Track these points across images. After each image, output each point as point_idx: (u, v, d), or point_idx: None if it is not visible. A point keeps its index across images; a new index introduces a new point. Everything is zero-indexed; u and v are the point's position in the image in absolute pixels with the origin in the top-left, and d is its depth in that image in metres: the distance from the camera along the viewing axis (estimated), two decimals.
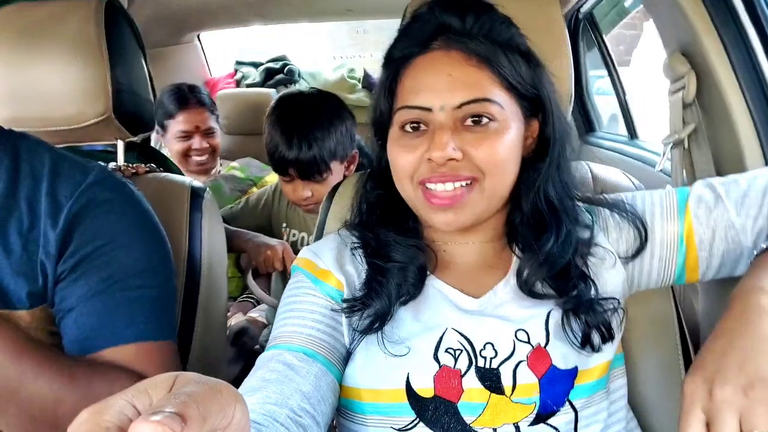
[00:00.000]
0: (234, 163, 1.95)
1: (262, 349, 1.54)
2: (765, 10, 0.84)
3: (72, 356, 0.71)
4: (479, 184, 0.67)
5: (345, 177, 1.30)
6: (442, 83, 0.66)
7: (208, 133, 1.84)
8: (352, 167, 1.43)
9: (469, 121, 0.66)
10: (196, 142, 1.82)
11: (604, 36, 1.69)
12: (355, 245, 0.75)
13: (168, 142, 1.84)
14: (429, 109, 0.67)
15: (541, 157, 0.72)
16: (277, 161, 1.38)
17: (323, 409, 0.62)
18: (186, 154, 1.83)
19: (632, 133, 1.73)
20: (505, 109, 0.67)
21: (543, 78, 0.71)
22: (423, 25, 0.70)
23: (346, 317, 0.70)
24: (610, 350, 0.70)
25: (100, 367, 0.70)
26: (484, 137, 0.66)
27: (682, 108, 0.95)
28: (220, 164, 2.00)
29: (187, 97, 1.82)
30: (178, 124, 1.80)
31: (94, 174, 0.78)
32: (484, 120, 0.66)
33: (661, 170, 1.07)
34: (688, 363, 0.84)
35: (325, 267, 0.73)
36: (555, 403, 0.66)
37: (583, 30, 1.78)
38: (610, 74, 1.69)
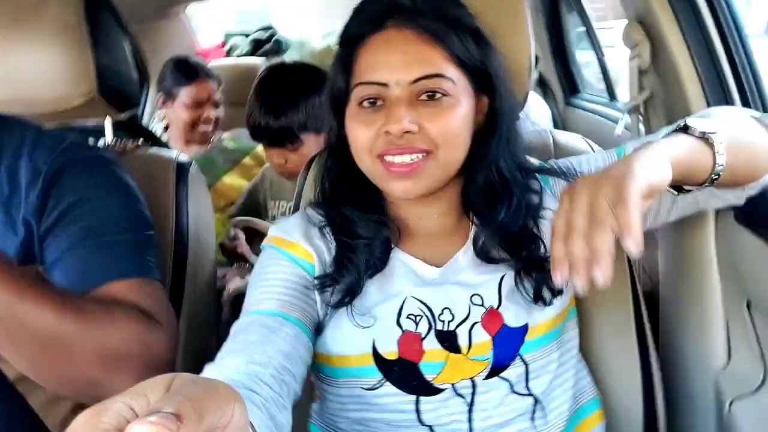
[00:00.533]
0: (225, 134, 1.99)
1: None
2: None
3: (70, 293, 0.73)
4: (434, 156, 0.71)
5: None
6: (397, 60, 0.70)
7: (217, 104, 1.92)
8: None
9: (423, 96, 0.70)
10: (206, 111, 1.89)
11: None
12: (323, 223, 0.79)
13: (175, 110, 1.90)
14: (385, 85, 0.70)
15: (491, 131, 0.76)
16: (251, 127, 1.46)
17: (299, 367, 0.66)
18: (194, 124, 1.89)
19: (611, 94, 1.75)
20: (457, 84, 0.71)
21: (491, 55, 0.75)
22: (375, 5, 0.74)
23: (318, 293, 0.75)
24: (558, 305, 0.76)
25: (100, 300, 0.73)
26: (438, 111, 0.70)
27: (639, 75, 0.98)
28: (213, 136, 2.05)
29: (197, 68, 1.90)
30: (190, 93, 1.86)
31: (69, 140, 0.84)
32: (438, 95, 0.70)
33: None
34: (639, 318, 0.90)
35: (294, 240, 0.78)
36: (507, 358, 0.72)
37: None
38: (588, 35, 1.70)
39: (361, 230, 0.76)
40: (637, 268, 0.94)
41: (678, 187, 0.70)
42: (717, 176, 0.67)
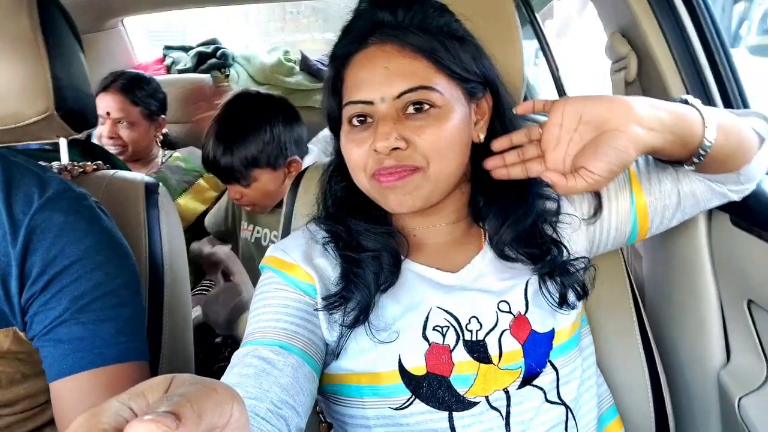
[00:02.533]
0: (177, 153, 1.88)
1: (223, 339, 1.52)
2: None
3: None
4: (424, 171, 0.69)
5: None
6: (379, 76, 0.69)
7: (119, 122, 1.76)
8: (294, 172, 1.40)
9: (411, 109, 0.69)
10: (105, 129, 1.75)
11: (536, 14, 1.76)
12: (326, 239, 0.76)
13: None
14: (371, 102, 0.69)
15: (499, 135, 0.75)
16: (203, 160, 1.41)
17: (302, 399, 0.63)
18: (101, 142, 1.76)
19: None
20: (445, 94, 0.70)
21: (483, 59, 0.74)
22: (360, 22, 0.73)
23: (329, 314, 0.71)
24: (576, 310, 0.76)
25: None
26: (426, 124, 0.68)
27: (625, 86, 1.01)
28: (163, 155, 1.93)
29: (110, 80, 1.77)
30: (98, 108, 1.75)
31: (52, 189, 0.74)
32: (425, 107, 0.69)
33: None
34: (641, 323, 0.92)
35: (293, 261, 0.74)
36: (538, 365, 0.71)
37: (516, 7, 1.82)
38: (543, 50, 1.75)
39: (367, 243, 0.74)
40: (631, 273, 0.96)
41: (672, 161, 0.74)
42: (708, 147, 0.69)
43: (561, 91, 1.71)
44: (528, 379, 0.71)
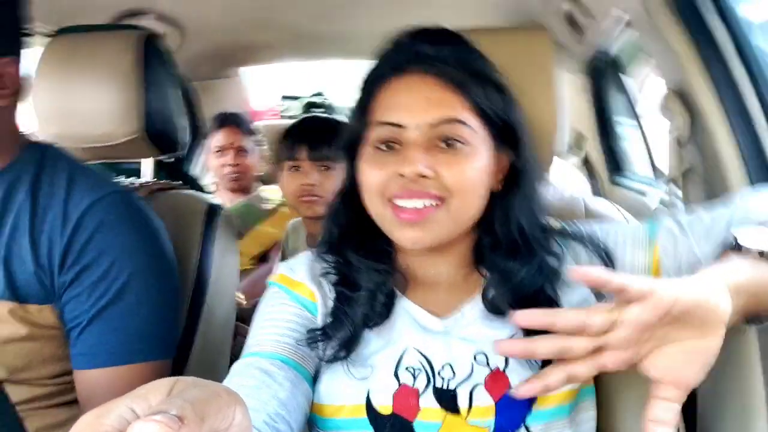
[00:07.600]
0: (267, 187, 2.06)
1: None
2: (753, 52, 0.85)
3: None
4: (446, 205, 0.68)
5: None
6: (417, 103, 0.68)
7: (240, 151, 2.01)
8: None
9: (441, 144, 0.68)
10: (229, 157, 2.00)
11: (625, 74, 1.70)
12: (326, 269, 0.76)
13: (209, 158, 2.06)
14: (403, 126, 0.68)
15: (512, 189, 0.73)
16: (292, 132, 1.45)
17: (297, 416, 0.63)
18: (222, 171, 2.02)
19: (656, 174, 1.71)
20: (477, 133, 0.69)
21: (515, 109, 0.73)
22: (399, 52, 0.73)
23: (310, 347, 0.71)
24: None
25: None
26: (455, 159, 0.67)
27: (678, 146, 0.95)
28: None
29: (226, 117, 2.05)
30: (215, 141, 2.02)
31: (104, 189, 0.84)
32: (457, 144, 0.67)
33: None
34: None
35: (299, 279, 0.76)
36: (511, 427, 0.67)
37: (606, 71, 1.79)
38: (633, 115, 1.69)
39: (364, 280, 0.73)
40: None
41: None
42: None
43: (650, 154, 1.61)
44: None
